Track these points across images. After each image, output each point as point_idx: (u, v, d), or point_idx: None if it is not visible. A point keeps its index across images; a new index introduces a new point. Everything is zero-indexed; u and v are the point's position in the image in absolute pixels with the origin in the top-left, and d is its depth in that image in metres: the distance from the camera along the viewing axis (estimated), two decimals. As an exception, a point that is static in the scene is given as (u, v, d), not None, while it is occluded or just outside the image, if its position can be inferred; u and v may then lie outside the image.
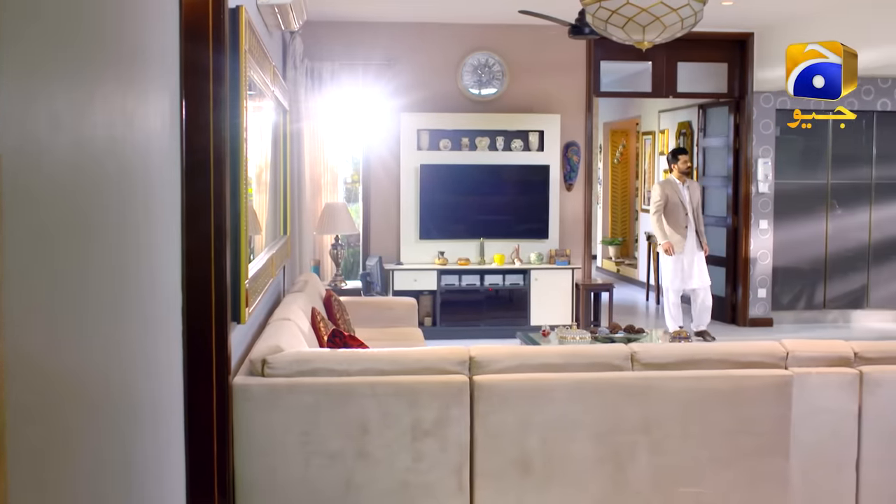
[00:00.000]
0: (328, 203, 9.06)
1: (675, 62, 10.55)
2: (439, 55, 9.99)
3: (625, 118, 15.37)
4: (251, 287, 4.34)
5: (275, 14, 6.25)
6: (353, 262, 11.03)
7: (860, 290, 11.11)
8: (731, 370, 4.18)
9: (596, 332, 7.16)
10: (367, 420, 3.87)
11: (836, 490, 4.23)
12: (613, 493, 4.03)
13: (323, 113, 9.53)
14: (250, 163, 4.47)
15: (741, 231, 10.69)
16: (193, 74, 3.29)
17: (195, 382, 3.38)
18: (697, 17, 5.37)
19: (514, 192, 10.12)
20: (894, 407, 4.22)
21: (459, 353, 4.07)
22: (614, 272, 15.43)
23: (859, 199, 11.03)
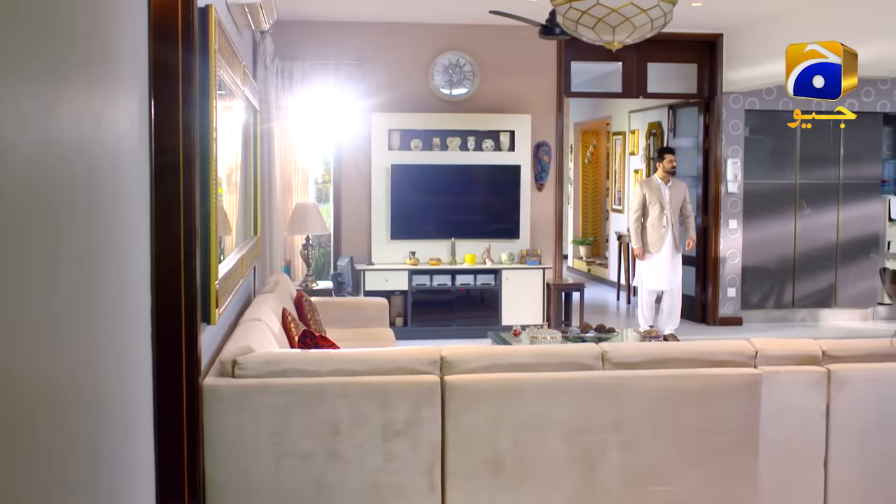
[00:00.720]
0: (299, 203, 9.04)
1: (645, 63, 10.61)
2: (410, 55, 9.98)
3: (595, 118, 15.43)
4: (221, 288, 4.32)
5: (245, 14, 6.22)
6: (324, 262, 11.00)
7: (828, 289, 11.21)
8: (701, 369, 4.20)
9: (567, 332, 7.18)
10: (339, 420, 3.86)
11: (804, 487, 4.27)
12: (585, 492, 4.04)
13: (294, 113, 9.50)
14: (220, 163, 4.45)
15: (711, 231, 10.76)
16: (162, 74, 3.27)
17: (165, 384, 3.36)
18: (667, 17, 5.39)
19: (485, 193, 10.14)
20: (861, 404, 4.26)
21: (431, 353, 4.07)
22: (585, 272, 15.48)
23: (827, 199, 11.13)
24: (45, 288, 1.93)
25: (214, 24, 4.12)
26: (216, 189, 4.19)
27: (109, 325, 2.55)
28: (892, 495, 4.13)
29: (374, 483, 3.90)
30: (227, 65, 4.73)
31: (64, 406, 2.10)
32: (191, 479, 3.56)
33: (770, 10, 9.25)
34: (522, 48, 9.94)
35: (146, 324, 3.15)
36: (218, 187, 4.35)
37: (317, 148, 10.89)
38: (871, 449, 4.27)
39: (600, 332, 7.21)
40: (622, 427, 4.05)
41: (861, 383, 4.26)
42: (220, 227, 4.43)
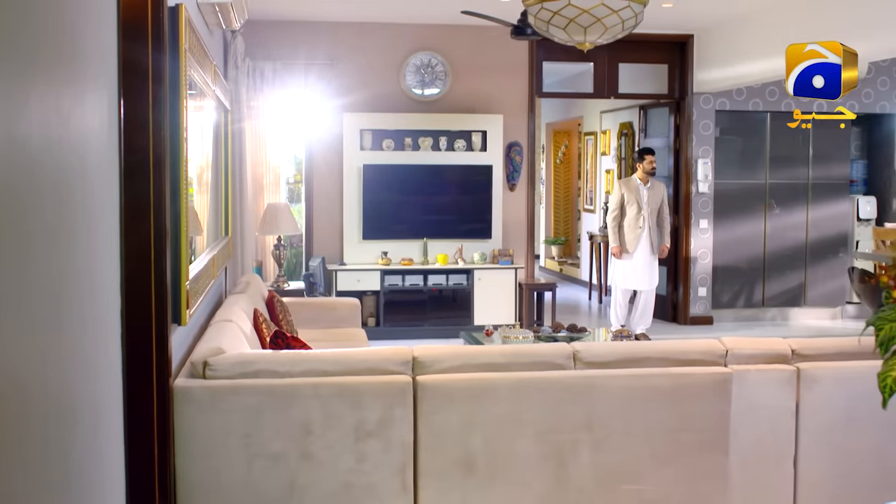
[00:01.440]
0: (270, 203, 9.01)
1: (616, 63, 10.65)
2: (382, 55, 9.97)
3: (567, 119, 15.47)
4: (192, 288, 4.30)
5: (216, 13, 6.19)
6: (296, 262, 10.97)
7: (798, 288, 11.30)
8: (672, 368, 4.22)
9: (539, 332, 7.19)
10: (311, 421, 3.85)
11: (774, 485, 4.30)
12: (557, 491, 4.06)
13: (265, 113, 9.46)
14: (191, 163, 4.43)
15: (682, 230, 10.81)
16: (132, 74, 3.25)
17: (135, 385, 3.34)
18: (638, 18, 5.42)
19: (457, 193, 10.14)
20: (830, 403, 4.29)
21: (403, 354, 4.07)
22: (557, 272, 15.52)
23: (797, 198, 11.22)
24: (13, 288, 1.92)
25: (185, 23, 4.10)
26: (187, 189, 4.17)
27: (79, 326, 2.53)
28: (861, 492, 4.17)
29: (346, 483, 3.89)
30: (197, 64, 4.71)
31: (34, 407, 2.09)
32: (161, 481, 3.54)
33: (739, 10, 9.31)
34: (494, 48, 9.96)
35: (116, 325, 3.13)
36: (189, 187, 4.33)
37: (288, 148, 10.85)
38: (840, 447, 4.31)
39: (572, 332, 7.23)
40: (594, 426, 4.06)
41: (830, 382, 4.30)
42: (191, 227, 4.41)
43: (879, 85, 11.21)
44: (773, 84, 10.83)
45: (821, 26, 8.29)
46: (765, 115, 11.08)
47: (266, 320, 5.55)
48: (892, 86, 11.19)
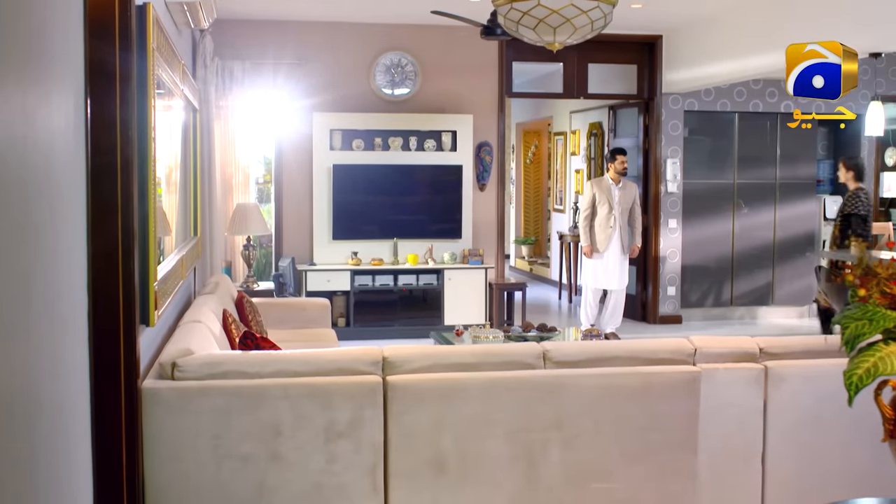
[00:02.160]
0: (240, 203, 8.97)
1: (585, 63, 10.69)
2: (352, 55, 9.95)
3: (537, 119, 15.51)
4: (160, 289, 4.27)
5: (184, 12, 6.16)
6: (266, 263, 10.93)
7: (765, 287, 11.39)
8: (641, 367, 4.24)
9: (509, 331, 7.20)
10: (280, 422, 3.84)
11: (742, 483, 4.33)
12: (527, 490, 4.06)
13: (234, 112, 9.42)
14: (159, 163, 4.40)
15: (651, 230, 10.87)
16: (99, 73, 3.22)
17: (102, 386, 3.32)
18: (607, 19, 5.44)
19: (427, 193, 10.14)
20: (798, 400, 4.33)
21: (373, 354, 4.07)
22: (527, 271, 15.55)
23: (764, 198, 11.31)
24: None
25: (152, 22, 4.07)
26: (155, 189, 4.14)
27: (45, 327, 2.51)
28: (828, 489, 4.20)
29: (316, 484, 3.88)
30: (165, 64, 4.68)
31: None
32: (130, 483, 3.51)
33: (707, 11, 9.37)
34: (464, 48, 9.96)
35: (83, 325, 3.11)
36: (157, 187, 4.31)
37: (258, 148, 10.80)
38: (807, 444, 4.34)
39: (542, 332, 7.24)
40: (564, 425, 4.07)
41: (797, 380, 4.33)
42: (159, 227, 4.38)
43: (845, 86, 11.29)
44: (741, 85, 10.92)
45: (786, 28, 8.35)
46: (733, 116, 11.16)
47: (235, 321, 5.53)
48: (859, 86, 11.27)
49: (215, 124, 9.12)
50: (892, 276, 2.52)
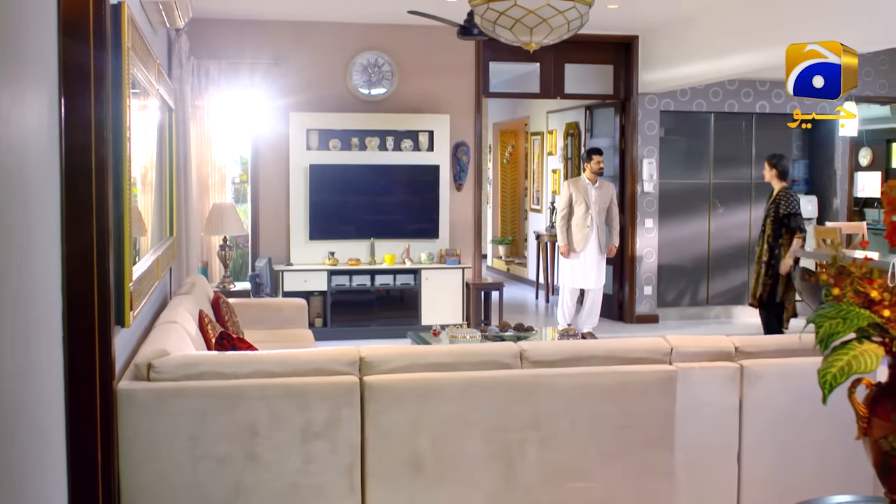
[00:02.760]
0: (216, 203, 8.93)
1: (562, 64, 10.71)
2: (328, 55, 9.93)
3: (514, 119, 15.53)
4: (136, 290, 4.25)
5: (159, 11, 6.13)
6: (242, 263, 10.89)
7: (741, 286, 11.44)
8: (618, 366, 4.25)
9: (486, 331, 7.20)
10: (257, 423, 3.83)
11: (718, 481, 4.35)
12: (504, 490, 4.07)
13: (210, 112, 9.38)
14: (135, 163, 4.38)
15: (627, 230, 10.90)
16: (73, 73, 3.20)
17: (77, 388, 3.29)
18: (583, 19, 5.45)
19: (404, 192, 10.14)
20: (773, 399, 4.35)
21: (349, 354, 4.06)
22: (504, 271, 15.57)
23: (740, 198, 11.38)
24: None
25: (127, 21, 4.05)
26: (130, 189, 4.12)
27: (19, 328, 2.49)
28: (803, 486, 4.23)
29: (293, 485, 3.87)
30: (140, 63, 4.66)
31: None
32: (105, 485, 3.49)
33: (683, 12, 9.41)
34: (441, 48, 9.96)
35: (57, 326, 3.09)
36: (132, 187, 4.29)
37: (234, 147, 10.76)
38: (783, 442, 4.37)
39: (519, 331, 7.25)
40: (541, 425, 4.08)
41: (772, 378, 4.36)
42: (135, 227, 4.36)
43: (820, 86, 11.36)
44: (717, 85, 10.97)
45: (761, 29, 8.40)
46: (709, 116, 11.22)
47: (211, 321, 5.51)
48: (832, 87, 11.36)
49: (191, 124, 9.08)
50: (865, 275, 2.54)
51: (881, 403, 2.50)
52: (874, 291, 2.48)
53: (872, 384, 2.57)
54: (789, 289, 8.63)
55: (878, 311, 2.46)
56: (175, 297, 5.97)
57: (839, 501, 2.85)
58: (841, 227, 11.09)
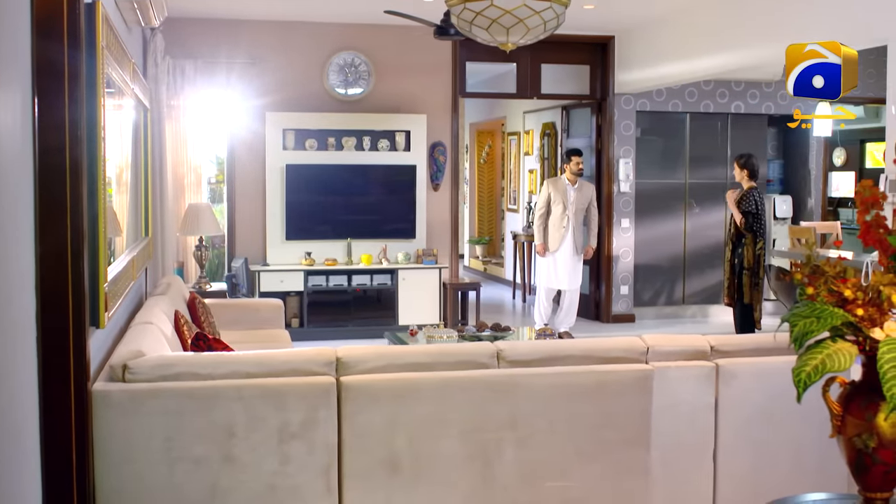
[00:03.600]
0: (191, 203, 8.89)
1: (538, 64, 10.73)
2: (305, 54, 9.91)
3: (490, 119, 15.55)
4: (111, 290, 4.23)
5: (134, 9, 6.09)
6: (218, 263, 10.85)
7: (717, 285, 11.50)
8: (595, 366, 4.26)
9: (463, 331, 7.21)
10: (233, 424, 3.81)
11: (694, 479, 4.37)
12: (482, 489, 4.07)
13: (186, 112, 9.34)
14: (109, 163, 4.36)
15: (604, 229, 10.93)
16: (47, 72, 3.18)
17: (51, 389, 3.27)
18: (560, 19, 5.46)
19: (380, 192, 10.13)
20: (748, 397, 4.37)
21: (326, 354, 4.05)
22: (481, 271, 15.58)
23: (715, 198, 11.43)
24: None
25: (102, 19, 4.03)
26: (105, 189, 4.10)
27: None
28: (778, 483, 4.25)
29: (269, 486, 3.86)
30: (115, 62, 4.63)
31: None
32: (80, 487, 3.47)
33: (658, 12, 9.45)
34: (418, 48, 9.96)
35: (31, 327, 3.07)
36: (107, 187, 4.26)
37: (210, 147, 10.71)
38: (758, 439, 4.40)
39: (496, 331, 7.26)
40: (518, 424, 4.08)
41: (748, 377, 4.38)
42: (110, 228, 4.33)
43: (794, 86, 11.44)
44: (692, 85, 11.02)
45: (735, 30, 8.45)
46: (684, 116, 11.27)
47: (187, 322, 5.48)
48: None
49: (167, 124, 9.03)
50: (839, 274, 2.55)
51: (855, 402, 2.52)
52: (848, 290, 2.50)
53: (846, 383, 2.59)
54: (755, 289, 8.67)
55: (852, 310, 2.48)
56: (150, 297, 5.94)
57: (813, 499, 2.87)
58: (815, 226, 11.18)
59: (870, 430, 2.46)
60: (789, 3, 7.69)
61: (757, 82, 11.26)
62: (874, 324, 2.46)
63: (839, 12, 7.01)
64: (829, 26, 7.13)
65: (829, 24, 7.10)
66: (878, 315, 2.47)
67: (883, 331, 2.43)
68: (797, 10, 7.54)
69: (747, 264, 8.60)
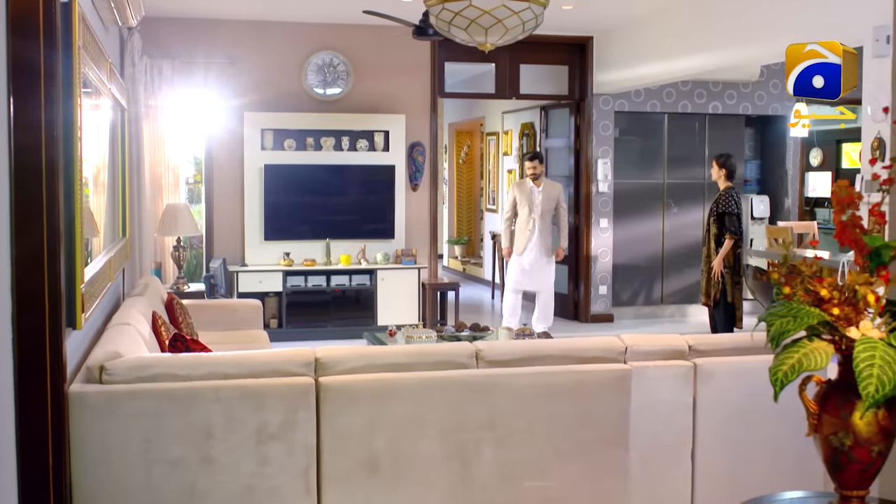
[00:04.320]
0: (169, 204, 8.85)
1: (517, 64, 10.75)
2: (283, 54, 9.89)
3: (469, 119, 15.56)
4: (88, 291, 4.20)
5: (111, 8, 6.06)
6: (196, 264, 10.81)
7: (695, 285, 11.52)
8: (573, 366, 4.27)
9: (442, 331, 7.21)
10: (212, 425, 3.80)
11: (672, 478, 4.39)
12: (461, 490, 4.07)
13: (163, 111, 9.30)
14: (86, 163, 4.33)
15: (582, 230, 10.96)
16: (23, 72, 3.16)
17: (27, 391, 3.25)
18: (538, 20, 5.47)
19: (359, 193, 10.12)
20: (726, 397, 4.39)
21: (305, 355, 4.04)
22: (460, 271, 15.59)
23: (693, 198, 11.48)
24: None
25: (78, 19, 4.00)
26: (82, 189, 4.07)
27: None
28: (755, 481, 4.27)
29: (248, 487, 3.85)
30: (92, 62, 4.60)
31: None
32: (57, 489, 3.45)
33: (637, 13, 9.48)
34: (396, 48, 9.95)
35: (7, 328, 3.05)
36: (84, 188, 4.24)
37: (187, 147, 10.67)
38: (735, 438, 4.42)
39: (475, 331, 7.26)
40: (497, 424, 4.09)
41: (725, 376, 4.40)
42: (87, 228, 4.31)
43: (772, 88, 11.53)
44: (670, 86, 11.06)
45: (712, 31, 8.49)
46: (662, 116, 11.31)
47: (165, 323, 5.46)
48: (783, 88, 11.51)
49: (144, 124, 8.99)
50: (815, 273, 2.57)
51: (831, 400, 2.53)
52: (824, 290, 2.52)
53: (822, 381, 2.60)
54: (736, 287, 8.70)
55: (828, 310, 2.49)
56: (128, 298, 5.91)
57: (790, 497, 2.88)
58: (792, 226, 11.25)
59: (845, 428, 2.48)
60: (764, 5, 7.73)
61: (734, 83, 11.32)
62: (850, 323, 2.47)
63: (815, 14, 7.05)
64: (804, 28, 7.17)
65: (804, 25, 7.13)
66: (854, 314, 2.49)
67: (858, 330, 2.45)
68: (773, 11, 7.57)
69: (727, 264, 8.63)
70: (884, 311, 2.50)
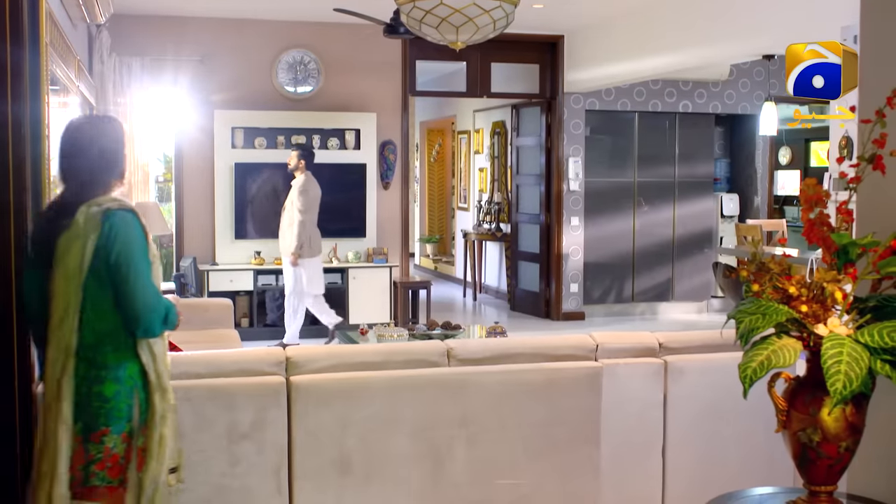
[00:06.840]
0: (139, 202, 8.79)
1: (488, 63, 10.76)
2: (254, 52, 9.85)
3: (441, 117, 15.56)
4: (56, 291, 4.16)
5: (79, 5, 6.01)
6: (167, 263, 10.74)
7: (665, 283, 11.61)
8: (544, 363, 4.28)
9: (413, 330, 7.20)
10: (182, 424, 3.76)
11: (644, 474, 4.40)
12: (432, 488, 4.07)
13: (133, 109, 9.24)
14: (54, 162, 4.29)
15: (553, 228, 10.98)
16: (-11, 69, 3.13)
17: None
18: (509, 18, 5.48)
19: (330, 191, 10.05)
20: (696, 393, 4.42)
21: (276, 354, 4.03)
22: (432, 269, 15.59)
23: (664, 196, 11.54)
24: None
25: (45, 15, 3.97)
26: (50, 188, 4.04)
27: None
28: (726, 477, 4.29)
29: (219, 487, 3.83)
30: (60, 59, 4.57)
31: None
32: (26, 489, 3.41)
33: (607, 13, 9.51)
34: (367, 47, 9.93)
35: (-26, 329, 3.01)
36: (52, 187, 4.20)
37: (157, 145, 10.60)
38: (705, 434, 4.44)
39: (446, 329, 7.26)
40: (468, 422, 4.09)
41: (695, 374, 4.42)
42: (55, 227, 4.26)
43: (741, 87, 11.61)
44: (641, 85, 11.11)
45: (683, 30, 8.53)
46: (633, 115, 11.35)
47: (135, 322, 5.41)
48: (753, 87, 11.60)
49: (113, 122, 8.92)
50: (784, 271, 2.58)
51: (799, 397, 2.55)
52: (792, 287, 2.53)
53: (791, 378, 2.62)
54: None
55: (796, 307, 2.51)
56: (97, 297, 5.85)
57: (760, 493, 2.90)
58: (761, 224, 11.33)
59: (814, 424, 2.49)
60: (734, 5, 7.77)
61: (704, 82, 11.38)
62: (818, 320, 2.49)
63: (784, 13, 7.10)
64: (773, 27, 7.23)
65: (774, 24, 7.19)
66: (822, 311, 2.50)
67: (826, 327, 2.47)
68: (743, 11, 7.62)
69: None
70: (851, 308, 2.53)
